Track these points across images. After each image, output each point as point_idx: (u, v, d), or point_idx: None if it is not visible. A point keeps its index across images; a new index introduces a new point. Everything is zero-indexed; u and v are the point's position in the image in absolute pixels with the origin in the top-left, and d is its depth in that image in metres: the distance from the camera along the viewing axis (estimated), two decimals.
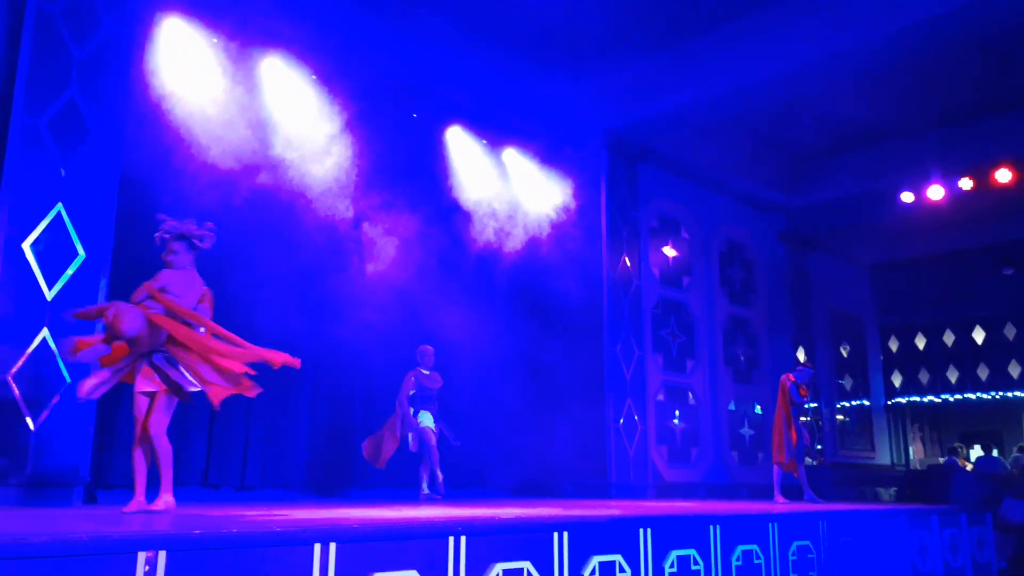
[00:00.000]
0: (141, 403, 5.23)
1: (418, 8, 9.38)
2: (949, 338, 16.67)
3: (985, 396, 16.15)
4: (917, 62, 10.76)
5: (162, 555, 3.44)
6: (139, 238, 7.82)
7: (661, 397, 12.32)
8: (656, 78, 11.08)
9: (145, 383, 5.16)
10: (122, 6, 7.42)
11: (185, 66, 8.18)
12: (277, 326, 8.95)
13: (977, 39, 10.21)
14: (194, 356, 5.17)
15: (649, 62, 10.92)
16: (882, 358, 17.28)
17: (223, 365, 5.22)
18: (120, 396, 7.90)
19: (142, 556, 3.39)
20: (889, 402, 17.05)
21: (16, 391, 6.39)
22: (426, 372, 9.07)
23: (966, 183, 12.90)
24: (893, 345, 17.33)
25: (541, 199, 11.41)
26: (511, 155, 11.36)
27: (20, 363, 6.44)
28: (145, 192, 7.70)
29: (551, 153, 11.52)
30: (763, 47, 10.25)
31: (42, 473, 6.43)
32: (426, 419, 8.86)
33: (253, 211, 8.60)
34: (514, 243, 10.85)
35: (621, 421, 11.39)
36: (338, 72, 9.37)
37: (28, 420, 6.43)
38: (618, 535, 5.29)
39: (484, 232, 10.67)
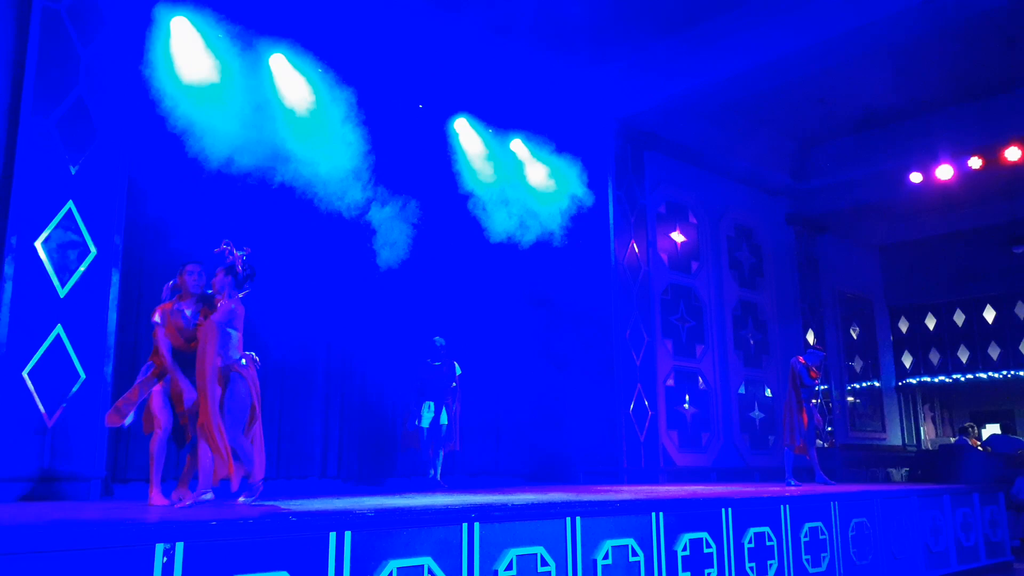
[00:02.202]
0: None
1: None
2: (959, 318, 16.62)
3: (996, 375, 16.10)
4: (924, 41, 10.70)
5: (180, 546, 3.49)
6: (150, 234, 7.90)
7: (671, 382, 12.34)
8: (662, 64, 11.05)
9: None
10: (127, 3, 7.44)
11: (191, 61, 8.19)
12: (289, 321, 9.03)
13: (984, 17, 10.14)
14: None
15: (654, 48, 10.89)
16: (892, 339, 17.24)
17: None
18: None
19: (160, 547, 3.44)
20: (900, 383, 17.03)
21: (32, 387, 6.46)
22: (437, 364, 9.14)
23: (975, 162, 12.82)
24: (903, 326, 17.29)
25: (548, 187, 11.40)
26: (518, 144, 11.35)
27: (35, 360, 6.51)
28: (154, 188, 7.76)
29: (558, 141, 11.51)
30: (768, 31, 10.20)
31: (58, 468, 6.51)
32: (426, 417, 9.08)
33: (261, 204, 8.64)
34: (521, 232, 10.85)
35: (631, 407, 11.42)
36: (345, 64, 9.38)
37: (44, 416, 6.50)
38: (630, 519, 5.33)
39: (491, 221, 10.68)
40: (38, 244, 6.67)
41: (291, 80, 9.09)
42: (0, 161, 6.74)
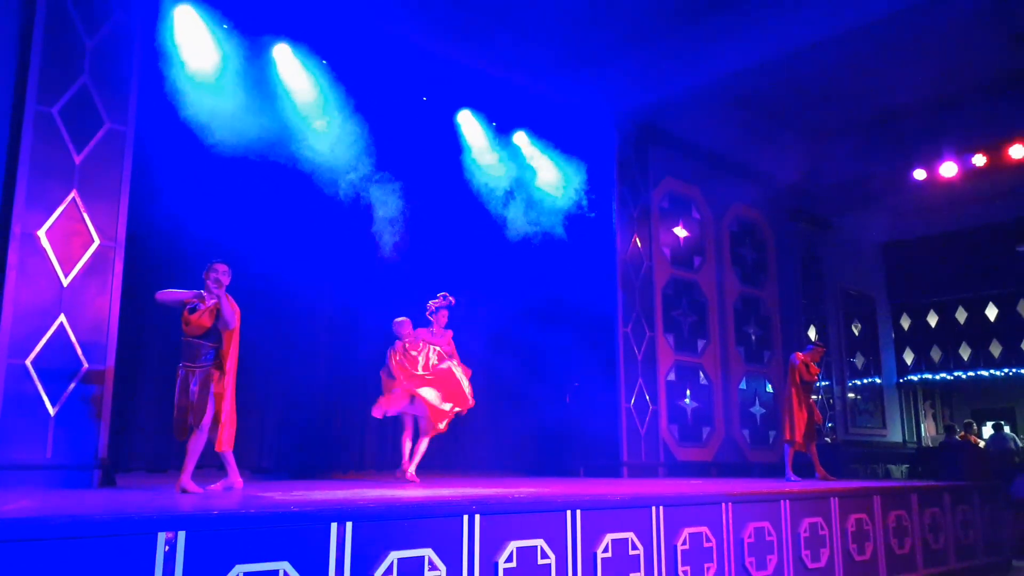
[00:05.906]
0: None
1: None
2: (961, 315, 16.59)
3: (998, 373, 16.09)
4: (929, 39, 10.68)
5: (181, 535, 3.50)
6: (153, 223, 7.91)
7: (672, 377, 12.35)
8: (667, 59, 11.00)
9: None
10: None
11: (196, 51, 8.19)
12: (291, 312, 9.04)
13: (990, 14, 10.12)
14: None
15: (660, 43, 10.83)
16: (894, 336, 17.22)
17: None
18: (136, 380, 8.00)
19: (162, 536, 3.45)
20: (901, 380, 17.02)
21: (35, 376, 6.49)
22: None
23: (980, 160, 12.81)
24: (905, 323, 17.27)
25: (551, 181, 11.40)
26: (522, 138, 11.34)
27: (38, 349, 6.53)
28: (158, 177, 7.77)
29: (562, 135, 11.50)
30: (773, 26, 10.16)
31: (61, 456, 6.53)
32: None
33: (263, 195, 8.65)
34: (524, 226, 10.85)
35: (632, 401, 11.43)
36: (349, 57, 9.37)
37: (47, 404, 6.52)
38: (631, 513, 5.34)
39: (494, 215, 10.68)
40: (41, 233, 6.68)
41: (296, 70, 9.09)
42: (4, 150, 6.75)
